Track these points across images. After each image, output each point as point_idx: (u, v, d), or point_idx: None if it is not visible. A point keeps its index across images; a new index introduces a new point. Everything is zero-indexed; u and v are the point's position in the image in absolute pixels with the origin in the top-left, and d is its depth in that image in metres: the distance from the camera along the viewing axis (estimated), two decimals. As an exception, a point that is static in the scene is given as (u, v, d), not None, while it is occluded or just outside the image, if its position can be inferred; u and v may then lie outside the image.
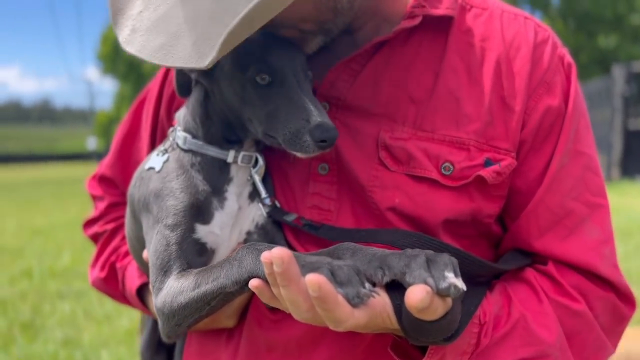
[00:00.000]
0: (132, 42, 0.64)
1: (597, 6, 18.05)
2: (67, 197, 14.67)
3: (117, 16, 0.68)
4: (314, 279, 0.51)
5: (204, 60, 0.56)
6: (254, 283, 0.58)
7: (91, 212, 1.07)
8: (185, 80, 0.78)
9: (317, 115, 0.64)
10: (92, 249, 0.99)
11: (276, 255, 0.51)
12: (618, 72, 10.53)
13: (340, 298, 0.53)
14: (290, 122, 0.65)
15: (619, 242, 5.07)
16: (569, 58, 0.81)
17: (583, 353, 0.74)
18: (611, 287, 0.76)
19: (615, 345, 0.79)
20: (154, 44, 0.61)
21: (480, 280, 0.74)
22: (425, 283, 0.54)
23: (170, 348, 0.98)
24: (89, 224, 1.07)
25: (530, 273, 0.76)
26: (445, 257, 0.57)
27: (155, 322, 1.00)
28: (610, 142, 10.66)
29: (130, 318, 4.10)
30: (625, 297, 0.77)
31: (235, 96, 0.70)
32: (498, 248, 0.82)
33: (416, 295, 0.53)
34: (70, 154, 64.36)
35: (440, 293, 0.54)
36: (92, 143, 54.06)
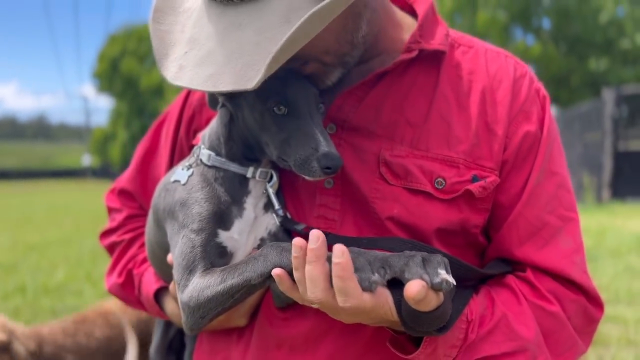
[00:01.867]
0: (181, 77, 0.74)
1: (588, 30, 18.40)
2: (61, 213, 14.64)
3: (162, 61, 0.78)
4: (340, 247, 0.63)
5: (251, 82, 0.66)
6: (277, 272, 0.69)
7: (107, 224, 1.15)
8: (214, 100, 0.89)
9: (325, 145, 0.73)
10: (86, 266, 1.05)
11: (314, 234, 0.64)
12: (608, 95, 10.73)
13: (355, 276, 0.64)
14: (301, 149, 0.75)
15: (609, 263, 5.14)
16: (543, 91, 0.92)
17: (557, 349, 0.83)
18: (582, 291, 0.85)
19: (587, 345, 0.88)
20: (203, 75, 0.71)
21: (467, 284, 0.84)
22: (421, 278, 0.64)
23: (179, 352, 1.05)
24: (105, 234, 1.15)
25: (511, 279, 0.86)
26: (439, 257, 0.67)
27: (165, 327, 1.07)
28: (600, 163, 10.80)
29: (123, 334, 4.11)
30: (595, 300, 0.87)
31: (255, 122, 0.80)
32: (483, 258, 0.92)
33: (414, 288, 0.62)
34: (65, 170, 64.21)
35: (434, 287, 0.64)
36: (87, 160, 54.00)
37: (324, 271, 0.65)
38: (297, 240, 0.65)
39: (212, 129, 0.89)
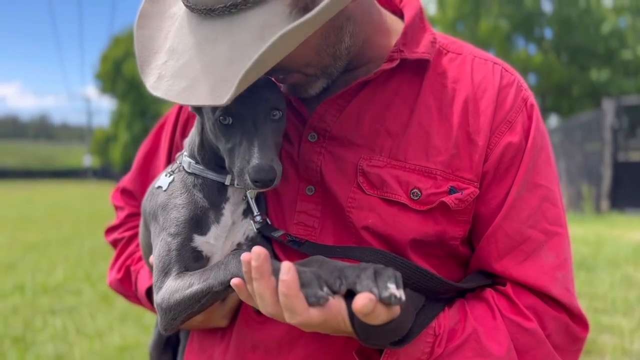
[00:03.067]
0: (159, 87, 0.75)
1: (589, 41, 18.47)
2: (61, 213, 14.66)
3: (143, 67, 0.79)
4: (287, 264, 0.63)
5: (222, 98, 0.67)
6: (235, 282, 0.70)
7: (113, 220, 1.19)
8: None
9: (257, 157, 0.72)
10: (85, 266, 1.08)
11: (255, 251, 0.63)
12: (608, 106, 10.74)
13: (301, 294, 0.64)
14: (238, 160, 0.75)
15: (607, 273, 5.16)
16: (532, 100, 0.90)
17: None
18: (563, 308, 0.83)
19: None
20: (178, 87, 0.72)
21: (440, 297, 0.82)
22: (371, 292, 0.63)
23: (175, 347, 1.08)
24: (110, 231, 1.18)
25: (489, 293, 0.83)
26: (390, 271, 0.66)
27: None
28: (600, 173, 10.81)
29: (121, 335, 4.13)
30: (578, 318, 0.84)
31: (211, 132, 0.82)
32: (467, 268, 0.90)
33: (360, 302, 0.62)
34: (66, 171, 64.21)
35: (383, 301, 0.63)
36: (88, 160, 54.03)
37: (270, 287, 0.65)
38: (245, 255, 0.65)
39: (190, 137, 0.91)
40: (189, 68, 0.72)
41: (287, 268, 0.63)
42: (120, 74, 38.67)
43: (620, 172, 10.61)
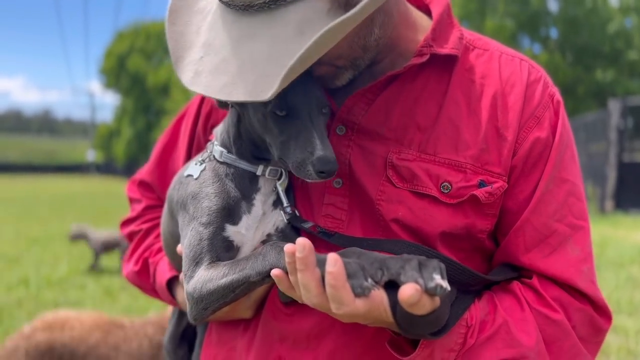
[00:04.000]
0: (197, 83, 0.75)
1: (595, 41, 18.41)
2: (64, 208, 14.69)
3: (177, 63, 0.80)
4: (333, 256, 0.63)
5: (265, 94, 0.67)
6: (275, 272, 0.70)
7: (128, 213, 1.19)
8: (224, 102, 0.90)
9: (321, 149, 0.74)
10: (89, 261, 1.07)
11: (300, 242, 0.64)
12: (614, 106, 10.71)
13: (348, 285, 0.64)
14: (298, 152, 0.76)
15: (611, 274, 5.14)
16: (558, 96, 0.91)
17: (560, 358, 0.82)
18: (588, 300, 0.85)
19: (593, 355, 0.87)
20: (218, 83, 0.72)
21: (470, 289, 0.84)
22: (416, 282, 0.64)
23: (191, 341, 1.08)
24: (126, 223, 1.18)
25: (516, 285, 0.85)
26: (435, 262, 0.66)
27: (179, 317, 1.10)
28: (604, 174, 10.78)
29: (125, 329, 4.14)
30: (602, 310, 0.86)
31: (258, 123, 0.82)
32: (491, 262, 0.91)
33: (407, 291, 0.63)
34: (69, 165, 64.40)
35: (428, 291, 0.64)
36: (91, 155, 54.14)
37: (315, 278, 0.65)
38: (288, 247, 0.65)
39: (223, 127, 0.92)
40: (228, 64, 0.73)
41: (334, 260, 0.63)
42: (124, 69, 38.70)
43: (625, 172, 10.58)
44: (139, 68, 37.58)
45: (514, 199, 0.85)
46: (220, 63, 0.74)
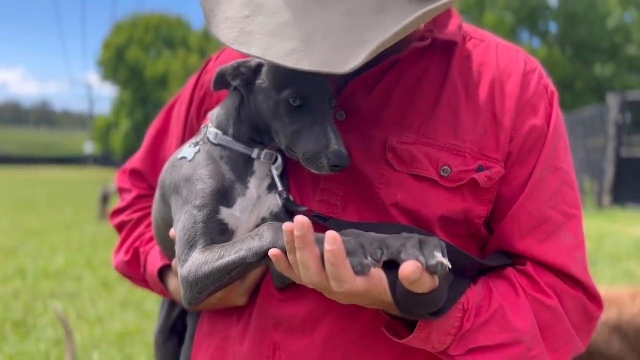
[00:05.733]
0: (249, 44, 0.69)
1: (594, 36, 18.41)
2: (62, 199, 14.68)
3: (209, 18, 0.74)
4: (332, 234, 0.63)
5: (343, 67, 0.64)
6: (273, 252, 0.69)
7: (118, 203, 1.17)
8: (224, 84, 0.88)
9: (336, 143, 0.75)
10: (86, 252, 1.06)
11: (298, 220, 0.63)
12: (612, 101, 10.72)
13: (348, 262, 0.64)
14: (311, 144, 0.76)
15: (608, 268, 5.16)
16: (552, 87, 0.92)
17: (554, 344, 0.83)
18: (581, 287, 0.86)
19: (585, 344, 0.88)
20: (282, 48, 0.67)
21: (466, 274, 0.84)
22: (417, 260, 0.64)
23: (181, 334, 1.06)
24: (115, 213, 1.16)
25: (510, 272, 0.86)
26: (436, 240, 0.67)
27: (169, 309, 1.09)
28: (602, 169, 10.79)
29: (122, 321, 4.14)
30: (594, 297, 0.87)
31: (268, 110, 0.81)
32: (484, 251, 0.92)
33: (408, 268, 0.63)
34: (67, 157, 64.32)
35: (429, 269, 0.64)
36: (89, 147, 54.07)
37: (315, 256, 0.65)
38: (287, 225, 0.65)
39: (221, 109, 0.90)
40: (290, 28, 0.68)
41: (332, 237, 0.63)
42: (122, 61, 38.56)
43: (623, 167, 10.60)
44: (137, 60, 37.47)
45: (509, 186, 0.86)
46: (281, 26, 0.69)
